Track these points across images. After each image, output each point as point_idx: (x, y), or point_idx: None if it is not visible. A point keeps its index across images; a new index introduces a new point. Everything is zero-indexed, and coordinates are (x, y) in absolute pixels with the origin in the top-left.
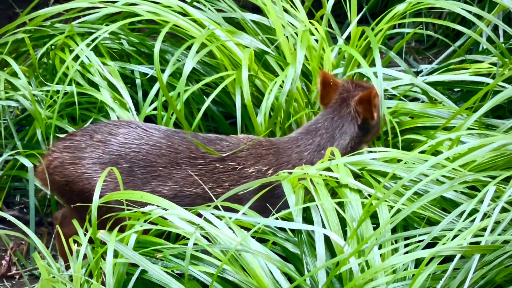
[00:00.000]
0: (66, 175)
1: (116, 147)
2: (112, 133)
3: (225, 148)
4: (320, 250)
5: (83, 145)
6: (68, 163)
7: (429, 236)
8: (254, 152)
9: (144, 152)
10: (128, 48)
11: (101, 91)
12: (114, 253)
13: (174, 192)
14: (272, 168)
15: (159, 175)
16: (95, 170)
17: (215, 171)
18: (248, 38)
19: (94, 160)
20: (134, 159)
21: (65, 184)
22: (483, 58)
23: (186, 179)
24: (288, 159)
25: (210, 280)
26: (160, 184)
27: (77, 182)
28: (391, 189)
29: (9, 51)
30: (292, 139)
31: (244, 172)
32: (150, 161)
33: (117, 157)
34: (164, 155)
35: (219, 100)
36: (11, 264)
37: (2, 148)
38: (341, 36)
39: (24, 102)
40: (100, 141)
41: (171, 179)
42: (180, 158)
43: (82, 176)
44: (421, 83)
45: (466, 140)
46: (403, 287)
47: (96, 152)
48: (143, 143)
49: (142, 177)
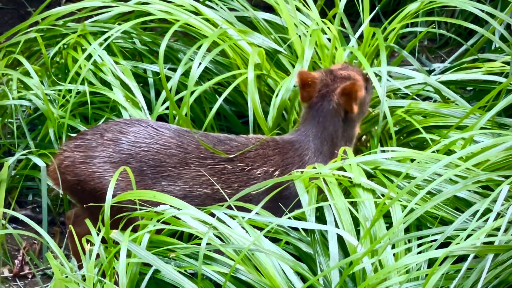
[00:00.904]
0: (77, 174)
1: (126, 146)
2: (122, 132)
3: (234, 148)
4: (333, 249)
5: (94, 144)
6: (79, 162)
7: (443, 235)
8: (261, 152)
9: (154, 152)
10: (141, 47)
11: (114, 90)
12: (127, 252)
13: (184, 192)
14: (279, 169)
15: (168, 175)
16: (106, 169)
17: (224, 171)
18: (260, 37)
19: (105, 159)
20: (144, 158)
21: (76, 183)
22: (496, 56)
23: (195, 180)
24: (292, 160)
25: (223, 280)
26: (170, 184)
27: (88, 181)
28: (404, 189)
29: (21, 50)
30: (293, 140)
31: (252, 173)
32: (160, 161)
33: (128, 156)
34: (174, 155)
35: (232, 100)
36: (23, 263)
37: (15, 147)
38: (353, 35)
39: (37, 102)
40: (111, 140)
41: (181, 179)
42: (190, 158)
43: (93, 175)
44: (434, 82)
45: (479, 140)
46: (416, 287)
47: (107, 151)
48: (153, 142)
49: (152, 177)
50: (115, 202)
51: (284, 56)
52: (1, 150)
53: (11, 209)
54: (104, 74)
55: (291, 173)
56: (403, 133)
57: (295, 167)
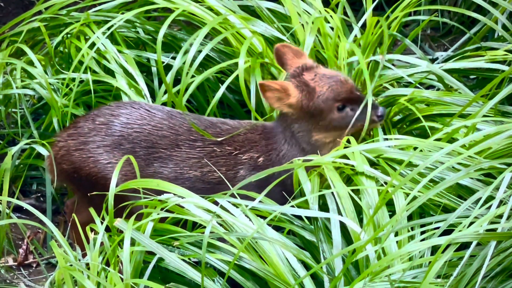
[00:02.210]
0: (73, 162)
1: (118, 128)
2: (114, 115)
3: (224, 131)
4: (336, 237)
5: (86, 130)
6: (74, 150)
7: (445, 223)
8: (250, 137)
9: (146, 133)
10: (144, 37)
11: (117, 78)
12: (131, 241)
13: (175, 174)
14: (263, 155)
15: (160, 156)
16: (100, 153)
17: (213, 154)
18: (263, 25)
19: (98, 144)
20: (136, 139)
21: (73, 171)
22: (499, 45)
23: (185, 162)
24: (272, 147)
25: (227, 268)
26: (162, 166)
27: (83, 167)
28: (407, 177)
29: (25, 40)
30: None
31: (239, 158)
32: (152, 142)
33: (120, 138)
34: (165, 136)
35: (235, 88)
36: (28, 252)
37: (19, 137)
38: (356, 24)
39: (41, 91)
40: (103, 123)
41: (172, 161)
42: (180, 140)
43: (88, 161)
44: (437, 70)
45: (481, 127)
46: (419, 274)
47: (99, 135)
48: (145, 124)
49: (145, 158)
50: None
51: None
52: (5, 139)
53: (15, 198)
54: (108, 62)
55: (292, 161)
56: (406, 121)
57: (275, 155)
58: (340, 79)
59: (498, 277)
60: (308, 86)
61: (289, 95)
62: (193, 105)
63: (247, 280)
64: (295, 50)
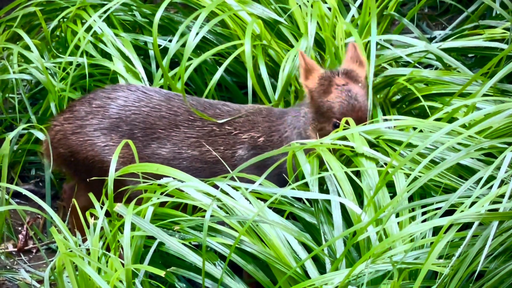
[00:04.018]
0: (69, 145)
1: (116, 110)
2: (110, 97)
3: (225, 113)
4: (337, 219)
5: (82, 113)
6: (70, 134)
7: (447, 203)
8: (251, 119)
9: (144, 114)
10: (141, 20)
11: (114, 62)
12: (131, 226)
13: (173, 154)
14: (264, 136)
15: (158, 137)
16: (97, 136)
17: (211, 133)
18: (260, 7)
19: (95, 127)
20: (134, 121)
21: (69, 155)
22: (497, 23)
23: (184, 142)
24: (277, 128)
25: (228, 252)
26: (160, 146)
27: (80, 151)
28: (407, 157)
29: (21, 24)
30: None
31: (239, 137)
32: (150, 123)
33: (118, 120)
34: (164, 117)
35: (233, 70)
36: (28, 238)
37: (17, 122)
38: (353, 4)
39: (38, 75)
40: (100, 106)
41: (170, 141)
42: (179, 121)
43: (85, 144)
44: (435, 49)
45: (481, 107)
46: (421, 255)
47: (96, 118)
48: (143, 105)
49: (143, 139)
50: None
51: (285, 26)
52: (3, 125)
53: (14, 184)
54: (105, 46)
55: (290, 144)
56: (405, 101)
57: (277, 136)
58: (353, 104)
59: (500, 257)
60: (329, 85)
61: (310, 77)
62: (191, 87)
63: (248, 263)
64: (357, 56)
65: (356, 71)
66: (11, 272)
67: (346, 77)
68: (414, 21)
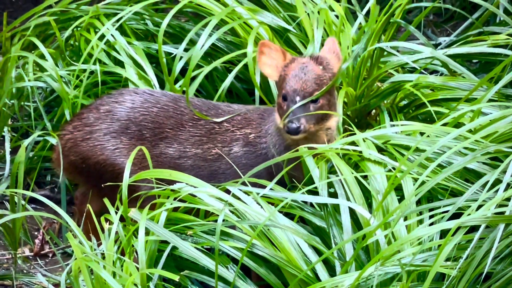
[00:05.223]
0: (80, 152)
1: (124, 113)
2: (117, 101)
3: (226, 112)
4: (346, 223)
5: (91, 119)
6: (81, 140)
7: (454, 207)
8: (248, 117)
9: (153, 115)
10: (152, 28)
11: (126, 69)
12: (145, 231)
13: (179, 153)
14: (254, 132)
15: (166, 136)
16: (107, 140)
17: (212, 131)
18: (269, 16)
19: (105, 131)
20: (143, 122)
21: (81, 161)
22: (501, 29)
23: (188, 140)
24: (266, 122)
25: (240, 255)
26: (167, 146)
27: (91, 156)
28: (415, 162)
29: (36, 33)
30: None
31: (235, 134)
32: (159, 123)
33: (127, 122)
34: (171, 117)
35: (243, 77)
36: (44, 242)
37: (32, 129)
38: (360, 11)
39: (52, 83)
40: (108, 111)
41: (176, 140)
42: (185, 120)
43: (95, 149)
44: (441, 55)
45: (487, 112)
46: (429, 258)
47: (105, 123)
48: (151, 106)
49: (151, 140)
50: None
51: (294, 34)
52: (19, 132)
53: (30, 190)
54: (118, 54)
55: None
56: (412, 106)
57: (264, 131)
58: (299, 76)
59: (507, 259)
60: (292, 62)
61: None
62: (202, 94)
63: (260, 266)
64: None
65: (329, 60)
66: (28, 276)
67: (313, 60)
68: (420, 28)
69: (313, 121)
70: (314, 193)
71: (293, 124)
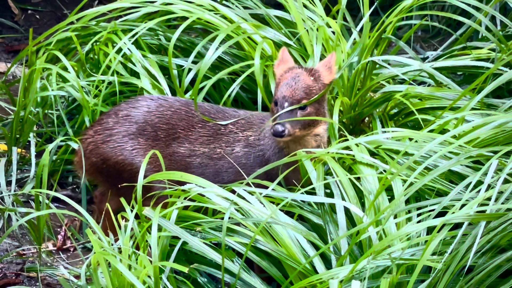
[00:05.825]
0: (101, 153)
1: (141, 116)
2: (135, 106)
3: (232, 116)
4: (341, 221)
5: (111, 124)
6: (101, 143)
7: (439, 206)
8: (251, 120)
9: (168, 117)
10: (166, 43)
11: (141, 79)
12: (158, 227)
13: (189, 152)
14: (254, 134)
15: (178, 136)
16: (126, 142)
17: (218, 132)
18: (272, 31)
19: (123, 133)
20: (158, 123)
21: (101, 162)
22: (483, 44)
23: (198, 140)
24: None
25: (244, 250)
26: (179, 145)
27: (111, 157)
28: (404, 165)
29: (59, 48)
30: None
31: (238, 135)
32: (172, 125)
33: (144, 125)
34: (184, 119)
35: (248, 88)
36: (66, 238)
37: (55, 135)
38: (355, 28)
39: (74, 93)
40: (126, 115)
41: (187, 140)
42: (195, 122)
43: (115, 150)
44: (428, 68)
45: (470, 119)
46: (417, 252)
47: (123, 126)
48: (166, 110)
49: (165, 140)
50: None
51: (294, 49)
52: (44, 137)
53: (53, 190)
54: (133, 66)
55: (296, 153)
56: (402, 114)
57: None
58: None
59: (488, 253)
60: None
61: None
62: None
63: (263, 260)
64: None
65: (320, 72)
66: (51, 269)
67: (306, 71)
68: (409, 43)
69: (298, 127)
70: (312, 193)
71: (279, 127)
